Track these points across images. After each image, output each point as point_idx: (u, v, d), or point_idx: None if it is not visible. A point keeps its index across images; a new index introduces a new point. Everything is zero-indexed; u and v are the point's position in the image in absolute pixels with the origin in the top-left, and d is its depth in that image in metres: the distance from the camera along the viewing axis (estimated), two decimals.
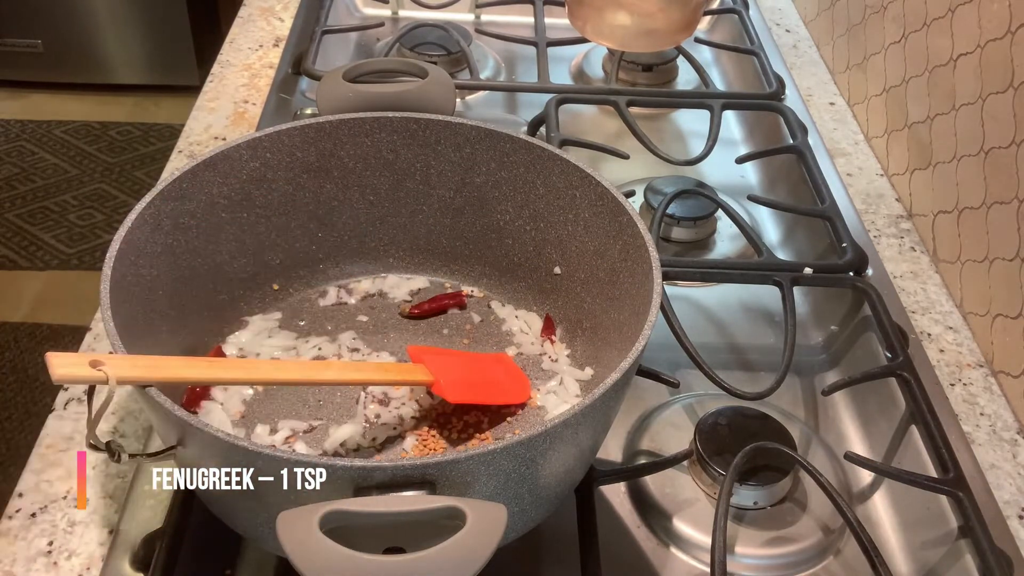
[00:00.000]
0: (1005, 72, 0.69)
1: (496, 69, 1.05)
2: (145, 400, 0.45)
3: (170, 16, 2.39)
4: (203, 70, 2.18)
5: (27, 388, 1.79)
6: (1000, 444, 0.64)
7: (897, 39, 0.88)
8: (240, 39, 1.02)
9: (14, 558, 0.53)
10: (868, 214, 0.85)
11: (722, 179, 0.90)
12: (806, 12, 1.15)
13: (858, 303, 0.73)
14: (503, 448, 0.43)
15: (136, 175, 2.31)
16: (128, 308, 0.51)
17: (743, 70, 1.06)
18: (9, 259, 2.07)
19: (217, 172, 0.60)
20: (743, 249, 0.81)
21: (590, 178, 0.60)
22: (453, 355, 0.63)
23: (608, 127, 0.94)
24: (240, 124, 0.89)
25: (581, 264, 0.63)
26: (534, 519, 0.51)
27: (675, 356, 0.66)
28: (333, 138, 0.64)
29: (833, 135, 0.95)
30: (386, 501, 0.41)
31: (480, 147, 0.64)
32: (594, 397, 0.45)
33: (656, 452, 0.63)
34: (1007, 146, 0.68)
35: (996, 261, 0.70)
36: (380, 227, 0.69)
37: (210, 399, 0.59)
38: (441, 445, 0.58)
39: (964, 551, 0.56)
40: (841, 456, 0.63)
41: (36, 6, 2.35)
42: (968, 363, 0.70)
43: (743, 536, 0.58)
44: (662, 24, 0.89)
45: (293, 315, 0.67)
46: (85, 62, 2.46)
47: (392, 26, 1.11)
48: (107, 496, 0.57)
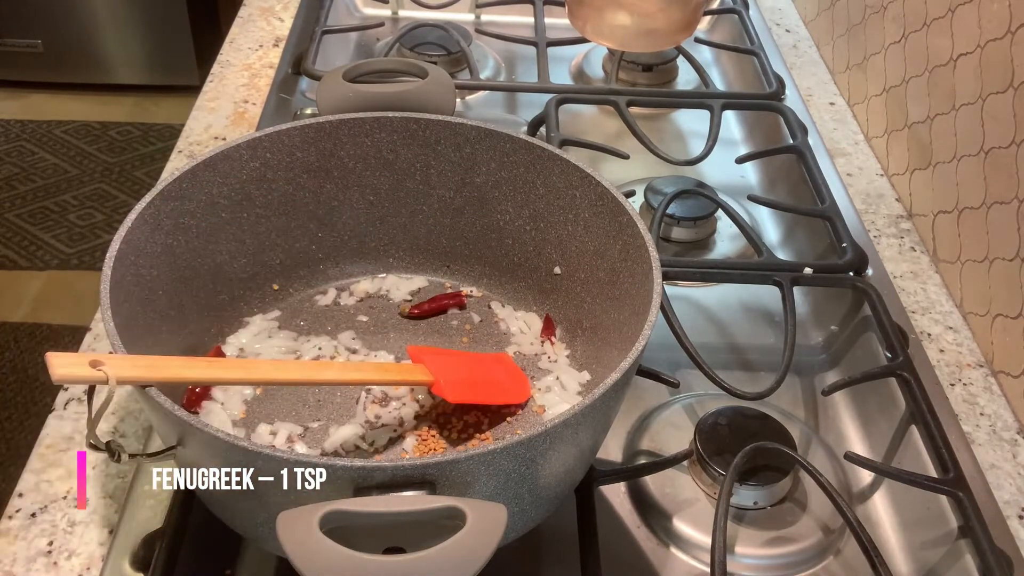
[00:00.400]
0: (1005, 72, 0.69)
1: (496, 69, 1.05)
2: (145, 400, 0.45)
3: (170, 16, 2.39)
4: (203, 70, 2.18)
5: (27, 388, 1.79)
6: (1000, 444, 0.64)
7: (897, 39, 0.88)
8: (240, 39, 1.02)
9: (14, 558, 0.53)
10: (868, 214, 0.85)
11: (722, 179, 0.90)
12: (806, 12, 1.15)
13: (858, 303, 0.73)
14: (503, 448, 0.43)
15: (136, 175, 2.32)
16: (128, 308, 0.51)
17: (743, 70, 1.06)
18: (9, 259, 2.07)
19: (217, 172, 0.60)
20: (743, 249, 0.81)
21: (590, 178, 0.60)
22: (453, 355, 0.63)
23: (608, 127, 0.94)
24: (240, 124, 0.89)
25: (581, 264, 0.63)
26: (534, 519, 0.51)
27: (675, 356, 0.66)
28: (333, 138, 0.64)
29: (833, 135, 0.95)
30: (386, 501, 0.41)
31: (480, 147, 0.64)
32: (594, 397, 0.45)
33: (656, 452, 0.63)
34: (1007, 146, 0.68)
35: (996, 261, 0.70)
36: (380, 227, 0.69)
37: (211, 399, 0.59)
38: (441, 445, 0.58)
39: (964, 551, 0.56)
40: (841, 456, 0.63)
41: (36, 6, 2.35)
42: (968, 363, 0.70)
43: (743, 536, 0.58)
44: (662, 24, 0.89)
45: (293, 315, 0.67)
46: (85, 62, 2.46)
47: (392, 26, 1.11)
48: (107, 496, 0.57)
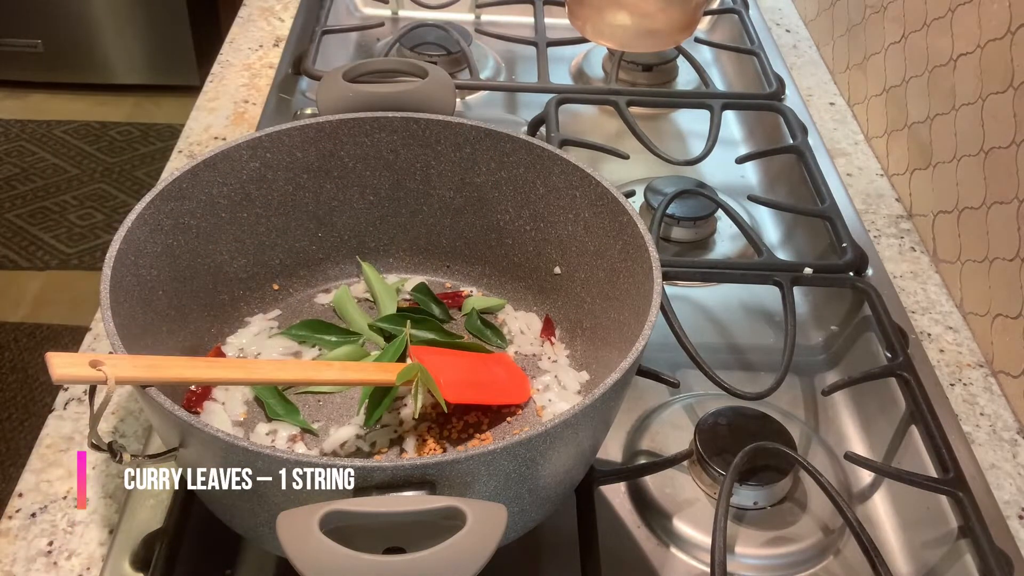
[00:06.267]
0: (1005, 72, 0.69)
1: (496, 69, 1.05)
2: (145, 400, 0.45)
3: (170, 16, 2.39)
4: (203, 70, 2.18)
5: (27, 388, 1.79)
6: (1000, 444, 0.64)
7: (897, 39, 0.88)
8: (240, 39, 1.02)
9: (14, 558, 0.53)
10: (868, 214, 0.85)
11: (722, 179, 0.90)
12: (806, 12, 1.15)
13: (858, 303, 0.73)
14: (503, 448, 0.43)
15: (136, 175, 2.31)
16: (128, 308, 0.52)
17: (743, 70, 1.06)
18: (9, 259, 2.07)
19: (217, 172, 0.60)
20: (743, 249, 0.81)
21: (590, 178, 0.60)
22: (453, 355, 0.63)
23: (608, 127, 0.94)
24: (240, 124, 0.89)
25: (581, 264, 0.63)
26: (534, 519, 0.51)
27: (675, 356, 0.66)
28: (333, 138, 0.64)
29: (833, 135, 0.95)
30: (386, 501, 0.41)
31: (480, 147, 0.64)
32: (594, 397, 0.45)
33: (656, 452, 0.64)
34: (1007, 146, 0.68)
35: (996, 261, 0.70)
36: (380, 227, 0.69)
37: (211, 400, 0.59)
38: (441, 445, 0.58)
39: (964, 551, 0.56)
40: (841, 456, 0.63)
41: (36, 6, 2.35)
42: (968, 363, 0.70)
43: (743, 536, 0.58)
44: (662, 24, 0.89)
45: (293, 315, 0.67)
46: (85, 62, 2.46)
47: (392, 26, 1.11)
48: (107, 496, 0.57)
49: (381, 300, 0.67)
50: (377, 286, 0.67)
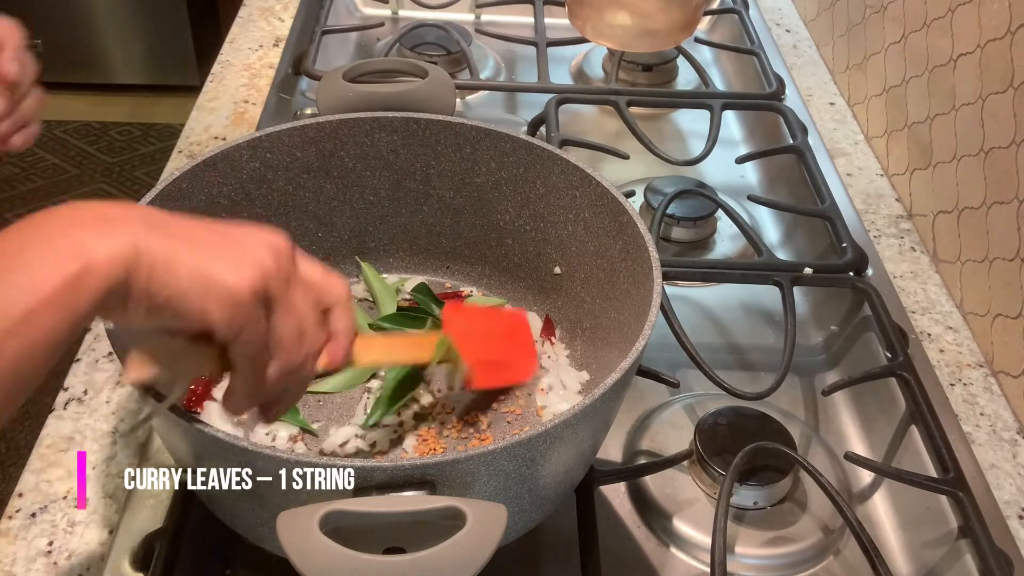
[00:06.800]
0: (1005, 72, 0.69)
1: (496, 69, 1.05)
2: (145, 400, 0.45)
3: (170, 16, 2.39)
4: (203, 70, 2.18)
5: None
6: (1000, 444, 0.64)
7: (897, 39, 0.88)
8: (240, 39, 1.02)
9: (14, 558, 0.53)
10: (868, 214, 0.85)
11: (722, 179, 0.90)
12: (806, 12, 1.15)
13: (858, 303, 0.73)
14: (503, 448, 0.43)
15: (136, 175, 2.31)
16: None
17: (743, 70, 1.06)
18: None
19: (217, 172, 0.60)
20: (743, 249, 0.81)
21: (590, 178, 0.60)
22: (480, 320, 0.63)
23: (608, 127, 0.94)
24: (240, 124, 0.89)
25: (581, 264, 0.63)
26: (534, 519, 0.51)
27: (675, 356, 0.66)
28: (333, 138, 0.64)
29: (833, 135, 0.95)
30: (386, 501, 0.41)
31: (480, 147, 0.64)
32: (594, 397, 0.45)
33: (656, 452, 0.63)
34: (1007, 146, 0.68)
35: (996, 261, 0.70)
36: (380, 227, 0.69)
37: (212, 399, 0.59)
38: (441, 445, 0.58)
39: (964, 551, 0.56)
40: (841, 456, 0.63)
41: (36, 6, 2.35)
42: (968, 363, 0.70)
43: (743, 536, 0.58)
44: (662, 24, 0.89)
45: None
46: (85, 62, 2.46)
47: (392, 26, 1.11)
48: (107, 496, 0.57)
49: (381, 300, 0.67)
50: (377, 286, 0.67)
